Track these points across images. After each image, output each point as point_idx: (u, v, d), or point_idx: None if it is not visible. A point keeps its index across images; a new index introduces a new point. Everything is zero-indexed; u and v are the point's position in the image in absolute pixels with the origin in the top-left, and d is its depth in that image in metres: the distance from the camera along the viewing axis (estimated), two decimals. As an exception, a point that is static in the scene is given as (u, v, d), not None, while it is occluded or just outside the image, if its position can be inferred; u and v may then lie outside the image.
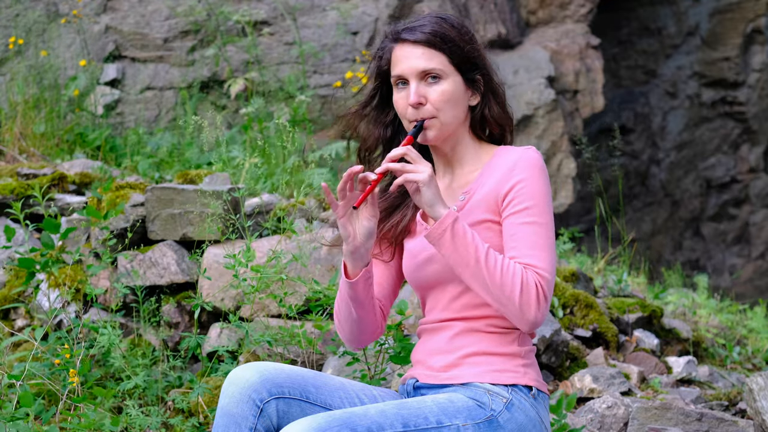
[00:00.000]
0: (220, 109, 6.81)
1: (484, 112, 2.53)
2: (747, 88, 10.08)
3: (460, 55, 2.48)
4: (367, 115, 2.58)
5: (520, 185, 2.41)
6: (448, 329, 2.48)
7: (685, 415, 3.32)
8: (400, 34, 2.49)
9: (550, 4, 8.59)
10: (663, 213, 10.24)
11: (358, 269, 2.46)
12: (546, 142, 7.83)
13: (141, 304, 3.79)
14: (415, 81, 2.46)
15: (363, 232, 2.42)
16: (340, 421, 2.24)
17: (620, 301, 4.47)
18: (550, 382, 3.83)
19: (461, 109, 2.50)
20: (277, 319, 3.78)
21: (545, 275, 2.36)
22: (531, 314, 2.35)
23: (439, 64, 2.46)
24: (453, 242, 2.34)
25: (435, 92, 2.46)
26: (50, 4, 6.99)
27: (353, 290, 2.47)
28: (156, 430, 3.33)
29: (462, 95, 2.50)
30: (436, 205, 2.35)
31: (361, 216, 2.42)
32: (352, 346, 2.59)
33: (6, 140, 5.75)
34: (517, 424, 2.38)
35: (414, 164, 2.36)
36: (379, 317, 2.57)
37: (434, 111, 2.46)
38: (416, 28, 2.48)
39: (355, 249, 2.43)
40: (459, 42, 2.48)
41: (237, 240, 3.86)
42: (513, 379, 2.42)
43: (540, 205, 2.41)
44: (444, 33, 2.47)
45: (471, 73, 2.50)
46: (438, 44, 2.46)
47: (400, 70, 2.48)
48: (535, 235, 2.39)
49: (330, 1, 7.05)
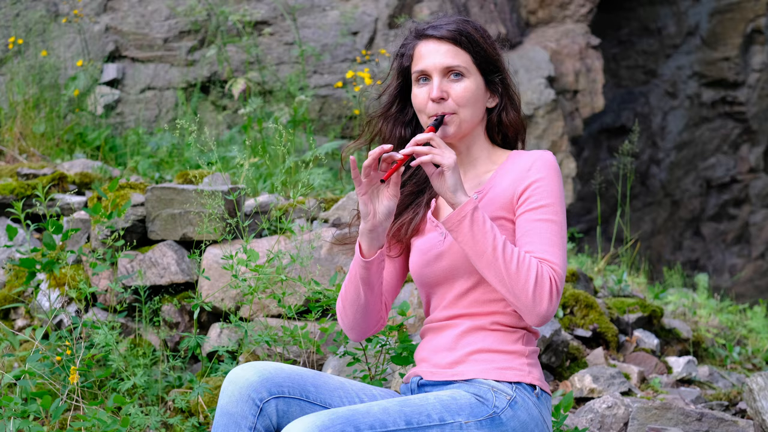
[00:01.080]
0: (220, 109, 6.82)
1: (501, 115, 2.57)
2: (747, 88, 10.08)
3: (483, 56, 2.51)
4: (392, 115, 2.60)
5: (537, 184, 2.44)
6: (454, 327, 2.49)
7: (685, 415, 3.32)
8: (425, 30, 2.52)
9: (550, 4, 8.59)
10: (663, 213, 10.25)
11: (374, 250, 2.47)
12: (546, 142, 7.83)
13: (143, 304, 3.79)
14: (438, 76, 2.49)
15: (383, 211, 2.44)
16: (343, 419, 2.24)
17: (620, 301, 4.48)
18: (550, 382, 3.83)
19: (480, 109, 2.53)
20: (276, 319, 3.78)
21: (559, 270, 2.38)
22: (543, 307, 2.35)
23: (463, 62, 2.49)
24: (471, 229, 2.35)
25: (458, 89, 2.49)
26: (50, 4, 7.00)
27: (367, 271, 2.47)
28: (156, 430, 3.34)
29: (482, 96, 2.53)
30: (459, 191, 2.37)
31: (383, 194, 2.43)
32: (353, 334, 2.59)
33: (6, 140, 5.75)
34: (519, 421, 2.38)
35: (439, 149, 2.38)
36: (382, 308, 2.58)
37: (455, 107, 2.49)
38: (442, 25, 2.51)
39: (373, 227, 2.44)
40: (482, 43, 2.52)
41: (237, 240, 3.86)
42: (518, 377, 2.42)
43: (555, 205, 2.43)
44: (469, 32, 2.50)
45: (492, 75, 2.54)
46: (463, 42, 2.49)
47: (424, 66, 2.50)
48: (550, 232, 2.41)
49: (330, 1, 7.05)
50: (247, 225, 3.75)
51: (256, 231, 4.05)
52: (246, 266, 3.42)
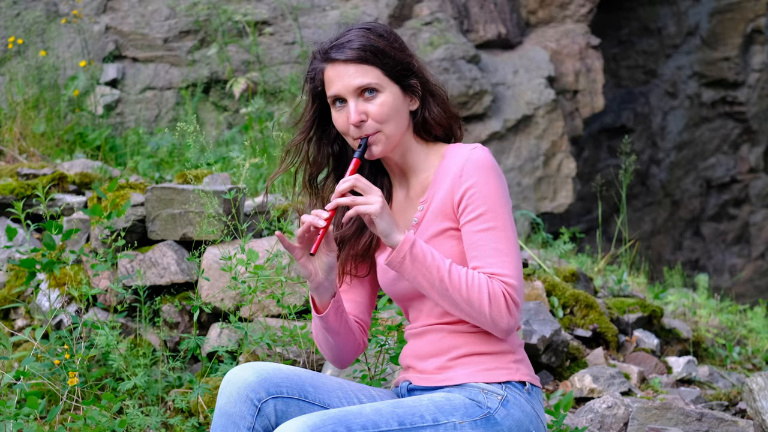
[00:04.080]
0: (221, 109, 6.82)
1: (425, 115, 2.50)
2: (747, 88, 10.08)
3: (392, 64, 2.44)
4: (313, 137, 2.55)
5: (471, 191, 2.39)
6: (434, 332, 2.48)
7: (685, 415, 3.32)
8: (329, 53, 2.46)
9: (550, 4, 8.59)
10: (663, 213, 10.24)
11: (326, 301, 2.46)
12: (546, 142, 7.83)
13: (143, 304, 3.79)
14: (353, 99, 2.43)
15: (323, 268, 2.42)
16: (335, 419, 2.24)
17: (620, 301, 4.47)
18: (550, 382, 3.83)
19: (403, 118, 2.47)
20: (276, 319, 3.78)
21: (511, 282, 2.35)
22: (504, 323, 2.35)
23: (374, 78, 2.43)
24: (414, 267, 2.34)
25: (374, 106, 2.43)
26: (50, 4, 7.00)
27: (326, 322, 2.48)
28: (156, 430, 3.33)
29: (401, 104, 2.47)
30: (392, 233, 2.34)
31: (320, 253, 2.41)
32: (336, 365, 2.60)
33: (6, 140, 5.75)
34: (514, 420, 2.38)
35: (365, 195, 2.34)
36: (359, 336, 2.58)
37: (377, 125, 2.43)
38: (344, 45, 2.44)
39: (318, 285, 2.44)
40: (389, 51, 2.45)
41: (237, 240, 3.86)
42: (506, 376, 2.42)
43: (494, 209, 2.38)
44: (373, 45, 2.43)
45: (406, 79, 2.47)
46: (369, 59, 2.43)
47: (336, 90, 2.44)
48: (494, 240, 2.37)
49: (330, 1, 7.05)
50: (246, 225, 3.75)
51: (255, 231, 4.05)
52: (246, 267, 3.42)
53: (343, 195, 2.34)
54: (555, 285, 4.26)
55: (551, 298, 4.19)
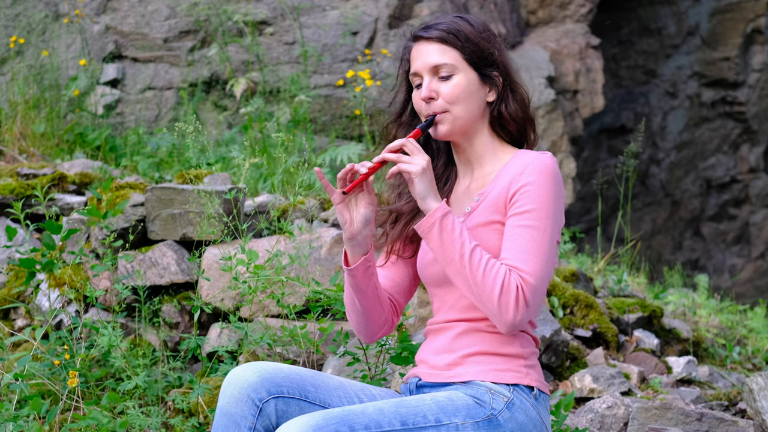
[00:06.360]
0: (221, 109, 6.82)
1: (501, 108, 2.53)
2: (747, 88, 10.08)
3: (473, 50, 2.49)
4: (405, 122, 2.60)
5: (526, 188, 2.41)
6: (452, 329, 2.49)
7: (685, 415, 3.32)
8: (417, 32, 2.53)
9: (550, 4, 8.59)
10: (663, 213, 10.24)
11: (357, 257, 2.48)
12: (546, 142, 7.83)
13: (143, 304, 3.79)
14: (428, 76, 2.49)
15: (360, 219, 2.45)
16: (337, 419, 2.24)
17: (620, 301, 4.48)
18: (550, 382, 3.83)
19: (475, 104, 2.51)
20: (276, 319, 3.78)
21: (530, 280, 2.35)
22: (509, 316, 2.34)
23: (450, 59, 2.48)
24: (440, 236, 2.36)
25: (446, 87, 2.48)
26: (51, 4, 7.00)
27: (353, 278, 2.49)
28: (156, 430, 3.33)
29: (476, 90, 2.51)
30: (428, 197, 2.37)
31: (360, 203, 2.44)
32: (361, 336, 2.61)
33: (6, 140, 5.75)
34: (517, 423, 2.38)
35: (411, 155, 2.38)
36: (388, 311, 2.59)
37: (445, 105, 2.48)
38: (432, 26, 2.51)
39: (352, 235, 2.46)
40: (473, 38, 2.50)
41: (237, 240, 3.86)
42: (515, 379, 2.42)
43: (542, 210, 2.39)
44: (458, 29, 2.49)
45: (487, 68, 2.51)
46: (451, 40, 2.48)
47: (415, 68, 2.51)
48: (530, 239, 2.38)
49: (330, 1, 7.05)
50: (247, 226, 3.75)
51: (255, 231, 4.05)
52: (246, 267, 3.42)
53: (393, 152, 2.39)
54: (555, 285, 4.26)
55: (551, 298, 4.19)
